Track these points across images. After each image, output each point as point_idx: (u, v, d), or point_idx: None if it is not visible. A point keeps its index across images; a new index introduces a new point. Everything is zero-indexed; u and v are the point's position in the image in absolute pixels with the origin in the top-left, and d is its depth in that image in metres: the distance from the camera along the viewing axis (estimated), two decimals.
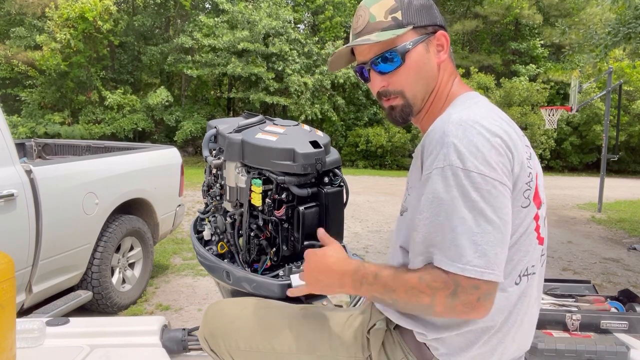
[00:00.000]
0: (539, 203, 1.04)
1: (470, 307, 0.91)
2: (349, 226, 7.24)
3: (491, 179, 0.92)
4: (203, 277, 4.64)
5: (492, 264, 0.89)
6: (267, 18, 15.92)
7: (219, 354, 1.24)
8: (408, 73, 1.09)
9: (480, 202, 0.91)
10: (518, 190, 0.98)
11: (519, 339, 1.07)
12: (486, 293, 0.90)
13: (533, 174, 1.01)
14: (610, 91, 9.94)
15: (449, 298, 0.91)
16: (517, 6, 19.18)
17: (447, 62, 1.13)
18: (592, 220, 8.73)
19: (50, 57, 15.20)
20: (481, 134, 0.94)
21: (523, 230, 1.01)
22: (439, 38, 1.11)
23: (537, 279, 1.09)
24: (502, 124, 1.00)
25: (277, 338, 1.17)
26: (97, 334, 1.59)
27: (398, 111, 1.13)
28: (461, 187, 0.91)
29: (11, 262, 1.28)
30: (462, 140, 0.93)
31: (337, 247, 1.13)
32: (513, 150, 0.97)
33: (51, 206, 3.05)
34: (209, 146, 1.52)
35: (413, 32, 1.09)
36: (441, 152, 0.94)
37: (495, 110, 1.05)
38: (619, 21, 7.32)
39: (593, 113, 17.44)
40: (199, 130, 16.30)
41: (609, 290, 4.62)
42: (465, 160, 0.92)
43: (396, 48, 1.08)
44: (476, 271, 0.89)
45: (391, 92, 1.12)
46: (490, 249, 0.90)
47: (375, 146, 17.66)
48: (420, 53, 1.09)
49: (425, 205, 0.95)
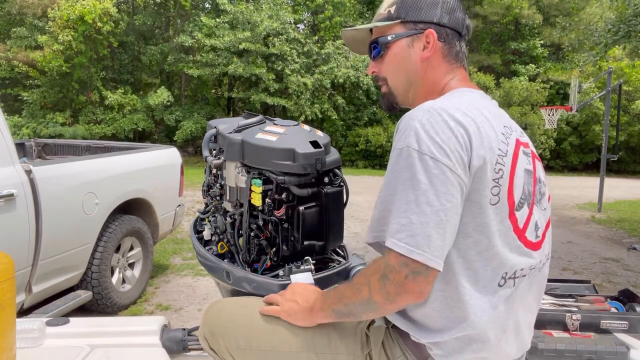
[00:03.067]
0: (513, 203, 1.01)
1: (401, 287, 0.93)
2: (349, 226, 7.24)
3: (442, 164, 0.93)
4: (203, 277, 4.64)
5: (423, 245, 0.91)
6: (268, 19, 15.92)
7: (219, 353, 1.24)
8: (388, 63, 1.18)
9: (425, 184, 0.93)
10: (485, 185, 0.97)
11: (516, 341, 1.08)
12: (414, 271, 0.92)
13: (504, 171, 1.00)
14: (610, 91, 9.94)
15: (381, 280, 0.95)
16: (517, 6, 19.18)
17: (435, 59, 1.14)
18: (592, 220, 8.73)
19: (53, 58, 15.20)
20: (445, 122, 0.96)
21: (496, 230, 0.99)
22: (427, 36, 1.13)
23: (532, 283, 1.09)
24: (477, 116, 1.00)
25: (277, 336, 1.17)
26: (97, 334, 1.59)
27: (386, 98, 1.22)
28: (412, 168, 0.94)
29: (11, 262, 1.28)
30: (424, 125, 0.96)
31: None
32: (475, 143, 0.97)
33: (51, 206, 3.05)
34: (209, 146, 1.52)
35: (400, 26, 1.15)
36: (404, 134, 0.98)
37: (479, 104, 1.05)
38: (619, 19, 7.33)
39: (593, 113, 17.44)
40: (199, 130, 16.29)
41: (609, 290, 4.62)
42: (421, 142, 0.95)
43: (379, 38, 1.17)
44: (406, 248, 0.92)
45: (380, 77, 1.21)
46: (423, 230, 0.92)
47: (375, 146, 17.66)
48: (401, 47, 1.15)
49: (384, 184, 1.00)
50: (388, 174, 1.00)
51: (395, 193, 0.96)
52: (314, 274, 1.31)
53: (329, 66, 17.03)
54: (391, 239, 0.94)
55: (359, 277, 1.02)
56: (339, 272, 1.38)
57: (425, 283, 0.94)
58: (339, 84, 17.63)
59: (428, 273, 0.93)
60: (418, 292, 0.94)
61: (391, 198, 0.97)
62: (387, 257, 0.96)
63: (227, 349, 1.21)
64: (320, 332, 1.15)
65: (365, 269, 1.02)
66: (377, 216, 1.01)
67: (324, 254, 1.42)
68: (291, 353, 1.15)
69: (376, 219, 1.01)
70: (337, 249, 1.48)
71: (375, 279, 0.96)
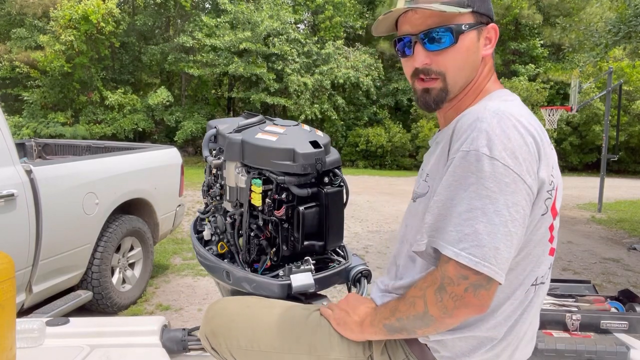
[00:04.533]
0: (555, 214, 1.01)
1: (460, 301, 0.88)
2: (349, 226, 7.24)
3: (514, 172, 0.88)
4: (203, 277, 4.64)
5: (490, 257, 0.86)
6: (268, 19, 15.93)
7: (220, 353, 1.24)
8: (455, 56, 1.04)
9: (495, 193, 0.87)
10: (540, 197, 0.95)
11: (522, 347, 1.07)
12: (475, 285, 0.87)
13: (555, 183, 0.98)
14: (610, 91, 9.94)
15: (437, 293, 0.90)
16: (517, 6, 19.16)
17: (490, 57, 1.10)
18: (592, 220, 8.73)
19: (54, 58, 15.21)
20: (516, 128, 0.91)
21: (538, 240, 0.98)
22: (489, 30, 1.08)
23: (544, 289, 1.09)
24: (537, 125, 0.97)
25: (279, 337, 1.16)
26: (97, 334, 1.59)
27: (433, 95, 1.07)
28: (480, 174, 0.88)
29: (11, 262, 1.28)
30: (495, 128, 0.90)
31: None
32: (542, 154, 0.94)
33: (51, 206, 3.05)
34: (209, 146, 1.52)
35: (471, 15, 1.04)
36: (470, 136, 0.91)
37: (530, 112, 1.02)
38: (620, 19, 7.32)
39: (593, 113, 17.42)
40: (199, 130, 16.30)
41: (609, 290, 4.62)
42: (493, 148, 0.88)
43: (452, 26, 1.02)
44: (470, 259, 0.86)
45: (433, 71, 1.05)
46: (491, 241, 0.86)
47: (375, 146, 17.66)
48: (472, 39, 1.05)
49: (443, 188, 0.93)
50: (449, 177, 0.92)
51: (455, 198, 0.90)
52: (314, 274, 1.31)
53: (329, 66, 17.04)
54: (451, 248, 0.88)
55: (413, 290, 0.96)
56: (339, 272, 1.38)
57: (487, 297, 0.88)
58: (339, 84, 17.64)
59: (490, 286, 0.87)
60: (479, 306, 0.89)
61: (450, 203, 0.91)
62: (444, 267, 0.89)
63: (229, 349, 1.21)
64: (321, 334, 1.15)
65: (420, 281, 0.96)
66: (432, 221, 0.93)
67: (324, 254, 1.42)
68: (292, 354, 1.15)
69: (429, 225, 0.93)
70: (337, 249, 1.48)
71: (432, 292, 0.90)
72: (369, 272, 1.43)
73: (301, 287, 1.27)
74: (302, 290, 1.28)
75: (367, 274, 1.43)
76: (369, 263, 4.97)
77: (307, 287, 1.28)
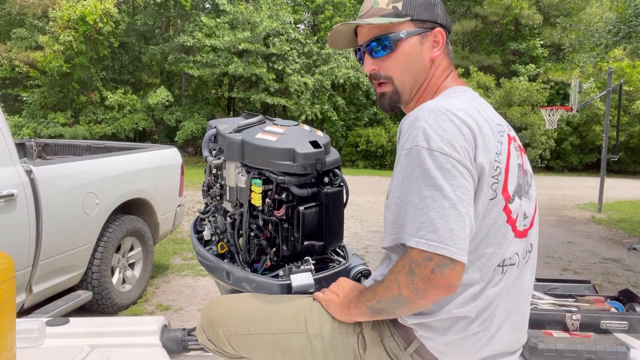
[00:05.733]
0: (508, 197, 1.06)
1: (429, 282, 0.94)
2: (349, 226, 7.24)
3: (452, 158, 0.96)
4: (203, 277, 4.64)
5: (446, 239, 0.93)
6: (268, 20, 15.92)
7: (216, 343, 1.27)
8: (397, 61, 1.16)
9: (439, 180, 0.95)
10: (484, 182, 1.01)
11: (506, 330, 1.10)
12: (440, 264, 0.93)
13: (501, 168, 1.04)
14: (610, 91, 9.94)
15: (408, 276, 0.96)
16: (517, 6, 19.17)
17: (441, 58, 1.18)
18: (592, 220, 8.73)
19: (53, 58, 15.21)
20: (451, 120, 0.99)
21: (492, 223, 1.03)
22: (435, 35, 1.16)
23: (522, 273, 1.11)
24: (477, 116, 1.04)
25: (274, 319, 1.21)
26: (97, 334, 1.59)
27: (387, 98, 1.20)
28: (424, 166, 0.96)
29: (11, 262, 1.28)
30: (431, 124, 0.98)
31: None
32: (479, 141, 1.01)
33: (51, 206, 3.05)
34: (209, 146, 1.53)
35: (410, 23, 1.15)
36: (411, 134, 1.00)
37: (475, 104, 1.08)
38: (620, 19, 7.32)
39: (593, 113, 17.42)
40: (199, 130, 16.30)
41: (609, 290, 4.62)
42: (430, 141, 0.97)
43: (390, 35, 1.14)
44: (429, 244, 0.93)
45: (381, 76, 1.19)
46: (445, 224, 0.93)
47: (375, 146, 17.67)
48: (412, 45, 1.15)
49: (396, 186, 1.01)
50: (397, 175, 1.01)
51: (409, 193, 0.98)
52: (314, 274, 1.31)
53: (329, 66, 17.04)
54: (413, 239, 0.95)
55: (389, 275, 1.03)
56: (339, 272, 1.38)
57: (453, 276, 0.94)
58: (339, 84, 17.64)
59: (455, 266, 0.94)
60: (446, 286, 0.95)
61: (405, 198, 0.98)
62: (410, 253, 0.96)
63: (226, 337, 1.24)
64: (314, 313, 1.20)
65: (393, 267, 1.02)
66: (391, 219, 1.01)
67: (324, 254, 1.42)
68: (287, 334, 1.19)
69: (391, 222, 1.01)
70: (337, 249, 1.48)
71: (403, 276, 0.97)
72: (369, 272, 1.43)
73: (301, 287, 1.27)
74: (302, 290, 1.28)
75: (367, 274, 1.43)
76: (369, 263, 4.97)
77: (307, 287, 1.28)
